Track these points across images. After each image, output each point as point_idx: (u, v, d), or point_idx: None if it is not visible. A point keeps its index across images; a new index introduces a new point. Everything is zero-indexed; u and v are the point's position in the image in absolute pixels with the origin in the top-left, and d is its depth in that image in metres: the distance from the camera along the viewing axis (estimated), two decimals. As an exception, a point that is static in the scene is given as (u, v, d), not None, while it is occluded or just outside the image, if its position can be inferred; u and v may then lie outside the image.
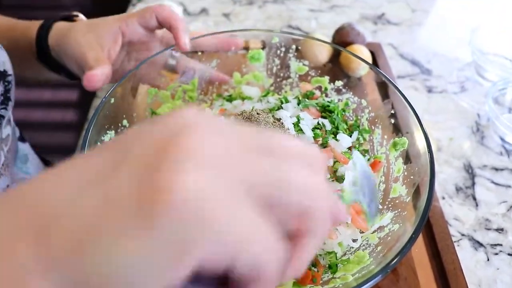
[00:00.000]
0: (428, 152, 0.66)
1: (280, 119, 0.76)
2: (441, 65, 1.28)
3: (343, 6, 1.53)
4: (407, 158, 0.74)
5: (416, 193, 0.68)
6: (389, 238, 0.64)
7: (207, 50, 0.87)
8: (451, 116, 1.14)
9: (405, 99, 0.74)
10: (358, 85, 0.90)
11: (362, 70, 0.87)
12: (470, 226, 0.91)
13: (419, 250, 0.82)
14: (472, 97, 1.19)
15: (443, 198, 0.96)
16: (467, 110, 1.15)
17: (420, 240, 0.83)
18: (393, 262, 0.55)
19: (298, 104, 0.83)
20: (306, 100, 0.84)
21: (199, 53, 0.86)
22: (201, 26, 1.42)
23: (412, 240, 0.57)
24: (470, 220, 0.92)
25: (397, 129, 0.77)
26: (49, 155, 1.14)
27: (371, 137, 0.83)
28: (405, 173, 0.72)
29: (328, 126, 0.80)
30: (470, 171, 1.01)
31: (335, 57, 0.89)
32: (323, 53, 0.93)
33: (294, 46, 0.88)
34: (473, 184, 0.98)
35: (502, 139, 1.07)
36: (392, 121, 0.78)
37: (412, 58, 1.31)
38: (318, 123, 0.80)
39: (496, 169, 1.01)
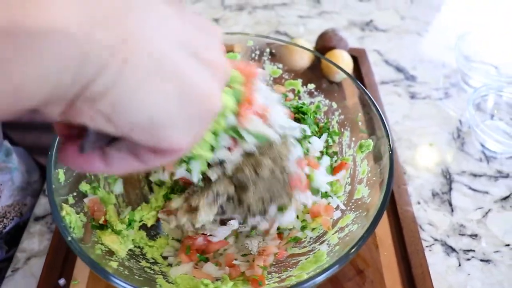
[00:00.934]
0: (389, 152, 0.66)
1: None
2: (427, 72, 1.28)
3: (332, 12, 1.54)
4: (374, 160, 0.74)
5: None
6: (348, 238, 0.64)
7: None
8: (433, 122, 1.13)
9: (372, 102, 0.75)
10: (335, 89, 0.90)
11: (341, 75, 0.87)
12: (443, 231, 0.90)
13: (388, 254, 0.81)
14: (456, 104, 1.18)
15: (419, 203, 0.95)
16: (450, 116, 1.15)
17: (389, 243, 0.83)
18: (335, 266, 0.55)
19: None
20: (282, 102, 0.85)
21: None
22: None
23: (363, 238, 0.57)
24: (444, 226, 0.91)
25: (364, 132, 0.77)
26: (38, 155, 1.16)
27: (341, 140, 0.83)
28: (369, 175, 0.72)
29: (308, 131, 0.80)
30: (448, 176, 1.01)
31: (316, 62, 0.89)
32: (304, 59, 0.94)
33: (268, 50, 0.89)
34: (450, 189, 0.98)
35: (482, 145, 1.06)
36: (360, 123, 0.78)
37: (397, 64, 1.31)
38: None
39: (475, 175, 1.01)
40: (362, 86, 0.77)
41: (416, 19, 1.50)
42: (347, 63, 1.12)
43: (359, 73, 1.20)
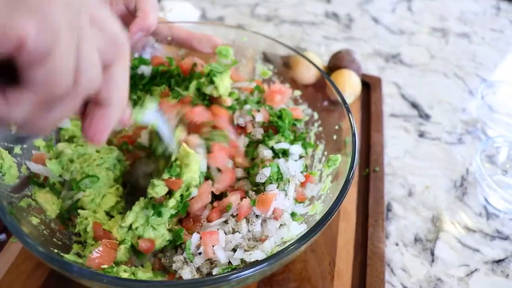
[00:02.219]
0: (348, 174, 0.59)
1: None
2: (444, 114, 1.19)
3: (359, 39, 1.48)
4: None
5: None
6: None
7: (181, 42, 0.84)
8: (437, 165, 1.04)
9: (350, 120, 0.68)
10: (335, 109, 0.83)
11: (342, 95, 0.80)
12: (417, 281, 0.80)
13: (343, 289, 0.73)
14: (468, 151, 1.08)
15: (397, 244, 0.85)
16: (457, 163, 1.05)
17: (347, 277, 0.74)
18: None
19: (258, 102, 0.80)
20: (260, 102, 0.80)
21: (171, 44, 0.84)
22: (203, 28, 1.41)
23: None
24: (420, 275, 0.81)
25: (336, 148, 0.70)
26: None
27: (314, 153, 0.76)
28: (328, 191, 0.64)
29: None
30: (437, 224, 0.91)
31: (322, 81, 0.83)
32: (310, 73, 0.89)
33: (260, 50, 0.85)
34: (437, 238, 0.88)
35: (486, 200, 0.96)
36: (335, 137, 0.71)
37: (413, 100, 1.23)
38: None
39: (469, 230, 0.90)
40: (337, 88, 0.70)
41: (447, 60, 1.41)
42: (354, 85, 1.06)
43: (367, 100, 1.13)
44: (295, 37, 1.45)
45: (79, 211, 0.63)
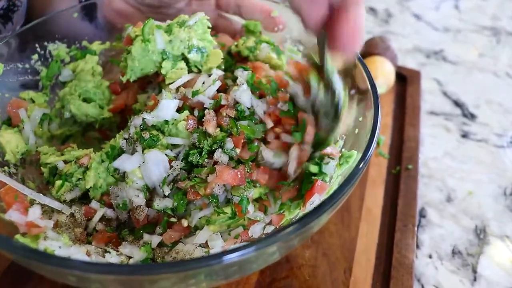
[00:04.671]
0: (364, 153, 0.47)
1: None
2: (492, 114, 1.04)
3: (398, 34, 1.35)
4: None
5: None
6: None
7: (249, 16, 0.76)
8: (482, 170, 0.88)
9: (375, 115, 0.55)
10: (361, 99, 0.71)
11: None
12: (453, 302, 0.65)
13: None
14: (521, 157, 0.92)
15: (430, 256, 0.71)
16: (506, 168, 0.89)
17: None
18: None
19: None
20: None
21: None
22: None
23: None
24: (457, 295, 0.66)
25: (356, 145, 0.57)
26: None
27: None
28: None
29: None
30: (482, 236, 0.75)
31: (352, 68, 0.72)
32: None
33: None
34: (480, 253, 0.72)
35: (542, 212, 0.80)
36: (356, 131, 0.59)
37: (457, 98, 1.08)
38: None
39: (521, 245, 0.74)
40: (368, 70, 0.58)
41: (497, 59, 1.25)
42: (387, 74, 0.93)
43: (402, 92, 0.99)
44: (326, 29, 1.34)
45: None
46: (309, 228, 0.42)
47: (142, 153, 0.55)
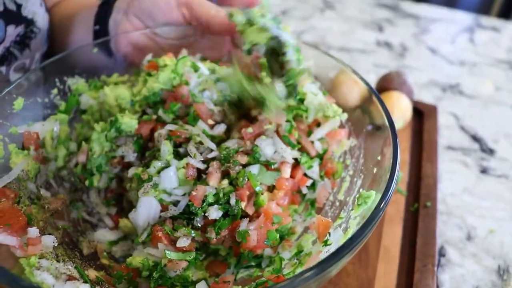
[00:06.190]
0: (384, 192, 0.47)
1: None
2: (512, 149, 1.03)
3: (414, 68, 1.36)
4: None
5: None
6: None
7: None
8: (504, 206, 0.87)
9: (393, 140, 0.55)
10: (378, 136, 0.71)
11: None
12: None
13: None
14: (543, 194, 0.91)
15: (451, 298, 0.69)
16: (529, 206, 0.87)
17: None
18: None
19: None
20: None
21: None
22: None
23: None
24: None
25: (375, 185, 0.56)
26: None
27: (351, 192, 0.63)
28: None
29: None
30: (505, 277, 0.73)
31: (367, 104, 0.72)
32: (353, 94, 0.78)
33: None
34: (504, 295, 0.70)
35: None
36: (375, 170, 0.58)
37: (474, 133, 1.07)
38: None
39: (546, 287, 0.72)
40: (385, 106, 0.58)
41: (515, 93, 1.25)
42: (403, 109, 0.94)
43: (419, 127, 0.99)
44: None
45: None
46: (328, 272, 0.42)
47: None
